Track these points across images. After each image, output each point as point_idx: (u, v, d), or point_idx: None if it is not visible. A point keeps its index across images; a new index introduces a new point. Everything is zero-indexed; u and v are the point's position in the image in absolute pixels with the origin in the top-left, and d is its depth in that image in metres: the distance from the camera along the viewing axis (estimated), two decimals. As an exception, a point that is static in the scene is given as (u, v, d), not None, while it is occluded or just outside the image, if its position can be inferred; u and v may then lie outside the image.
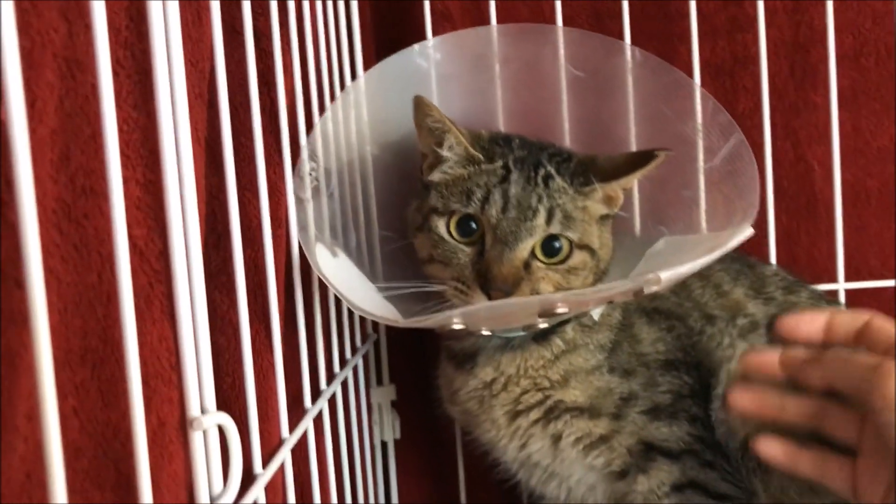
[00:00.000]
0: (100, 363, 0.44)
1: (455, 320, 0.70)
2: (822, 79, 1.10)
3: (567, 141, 0.97)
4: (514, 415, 0.87)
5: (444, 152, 0.83)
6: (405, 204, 0.89)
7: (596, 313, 0.85)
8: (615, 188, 0.83)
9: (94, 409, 0.44)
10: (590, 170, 0.82)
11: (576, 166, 0.83)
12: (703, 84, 1.08)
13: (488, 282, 0.77)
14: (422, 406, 1.09)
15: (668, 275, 0.69)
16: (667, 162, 0.80)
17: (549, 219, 0.79)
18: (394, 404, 1.12)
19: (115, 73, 0.46)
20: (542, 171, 0.81)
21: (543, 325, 0.80)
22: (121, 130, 0.45)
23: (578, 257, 0.81)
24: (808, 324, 0.67)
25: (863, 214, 1.14)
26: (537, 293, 0.78)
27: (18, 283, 0.36)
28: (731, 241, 0.72)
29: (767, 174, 1.05)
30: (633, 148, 0.93)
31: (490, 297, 0.76)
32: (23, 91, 0.35)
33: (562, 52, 0.93)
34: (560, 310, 0.69)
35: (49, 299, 0.36)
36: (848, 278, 1.08)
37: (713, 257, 0.72)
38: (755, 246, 1.13)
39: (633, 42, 1.07)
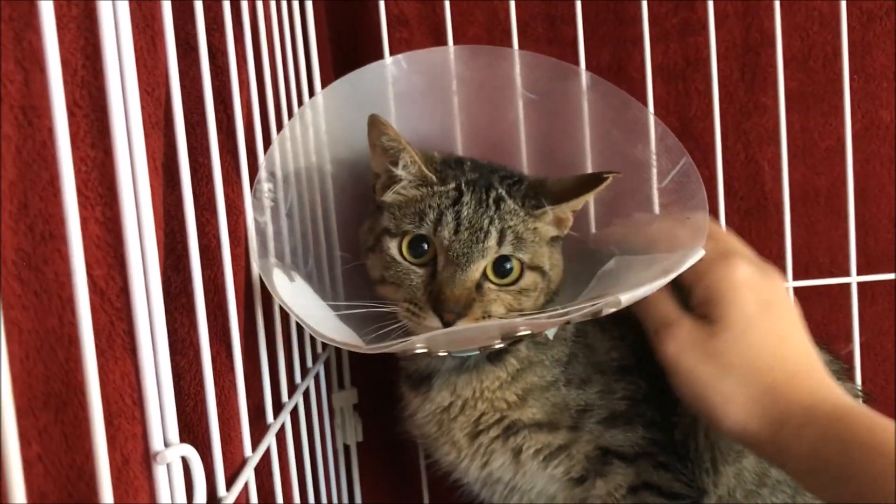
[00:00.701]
0: (63, 406, 0.44)
1: (418, 346, 0.71)
2: (772, 81, 1.12)
3: (524, 161, 0.98)
4: (475, 435, 0.88)
5: (399, 171, 0.83)
6: (359, 223, 0.90)
7: (551, 332, 0.86)
8: (565, 210, 0.84)
9: (59, 453, 0.44)
10: (540, 193, 0.83)
11: (526, 189, 0.84)
12: (655, 87, 1.10)
13: (440, 304, 0.77)
14: (384, 409, 1.10)
15: (628, 297, 0.70)
16: (619, 184, 0.82)
17: (501, 240, 0.80)
18: (356, 408, 1.12)
19: (72, 114, 0.46)
20: (493, 194, 0.82)
21: (499, 345, 0.81)
22: (78, 171, 0.45)
23: (529, 278, 0.82)
24: None
25: (812, 213, 1.17)
26: (489, 314, 0.79)
27: (-20, 339, 0.37)
28: (683, 264, 0.74)
29: (718, 176, 1.07)
30: (587, 169, 0.94)
31: (442, 319, 0.77)
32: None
33: (518, 74, 0.94)
34: (522, 332, 0.70)
35: (10, 350, 0.37)
36: (797, 276, 1.11)
37: (669, 279, 0.73)
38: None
39: (587, 46, 1.08)
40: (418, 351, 0.70)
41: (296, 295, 0.77)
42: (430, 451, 0.96)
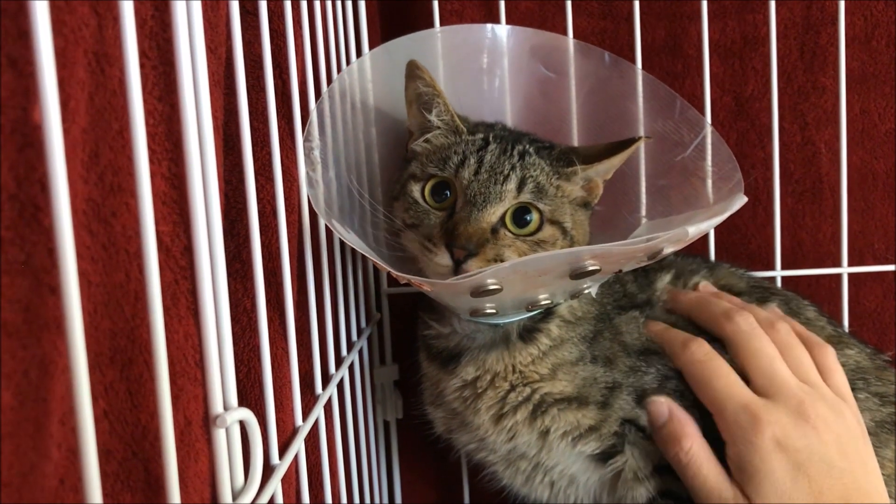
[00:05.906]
0: (128, 363, 0.43)
1: (489, 280, 0.69)
2: (832, 61, 1.09)
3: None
4: (499, 417, 0.86)
5: (432, 118, 0.85)
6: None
7: (594, 290, 0.85)
8: (597, 173, 0.85)
9: (123, 411, 0.43)
10: (571, 157, 0.84)
11: (558, 153, 0.85)
12: (711, 65, 1.07)
13: (453, 239, 0.77)
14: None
15: (695, 230, 0.70)
16: (641, 157, 0.85)
17: (521, 187, 0.80)
18: (396, 384, 1.11)
19: (142, 65, 0.45)
20: (519, 147, 0.83)
21: (546, 301, 0.80)
22: (146, 124, 0.43)
23: (548, 231, 0.82)
24: None
25: (868, 198, 1.14)
26: (500, 259, 0.78)
27: (52, 289, 0.36)
28: (729, 208, 0.75)
29: (774, 157, 1.04)
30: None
31: (453, 256, 0.76)
32: (58, 93, 0.33)
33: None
34: (591, 266, 0.68)
35: (80, 302, 0.35)
36: (852, 262, 1.08)
37: (720, 219, 0.74)
38: (759, 229, 1.13)
39: (643, 21, 1.06)
40: (491, 287, 0.68)
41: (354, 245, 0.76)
42: (452, 433, 0.94)
